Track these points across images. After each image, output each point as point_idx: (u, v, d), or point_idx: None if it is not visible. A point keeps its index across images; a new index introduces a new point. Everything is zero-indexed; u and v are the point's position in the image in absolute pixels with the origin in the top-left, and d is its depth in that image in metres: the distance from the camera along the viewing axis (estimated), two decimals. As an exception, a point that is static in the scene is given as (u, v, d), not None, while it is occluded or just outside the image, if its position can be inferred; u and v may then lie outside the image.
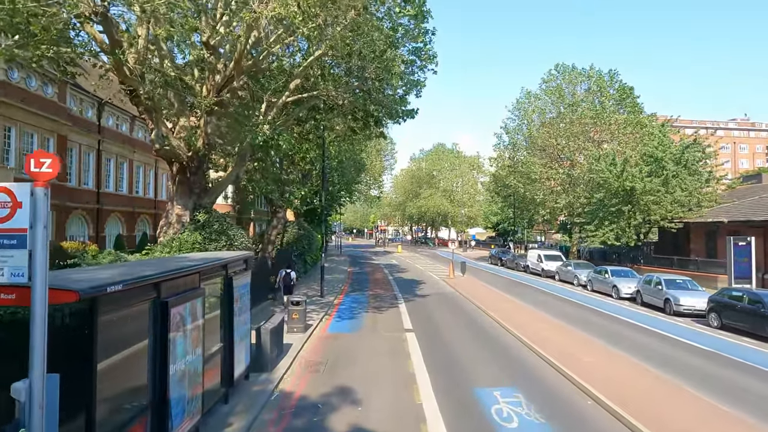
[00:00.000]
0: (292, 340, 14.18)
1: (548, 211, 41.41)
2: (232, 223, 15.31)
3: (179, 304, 6.77)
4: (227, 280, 9.09)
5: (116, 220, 33.00)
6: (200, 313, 7.50)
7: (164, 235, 14.21)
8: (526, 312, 19.88)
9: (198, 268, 7.56)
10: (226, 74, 13.12)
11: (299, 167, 26.21)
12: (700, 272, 27.49)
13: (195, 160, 14.11)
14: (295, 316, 15.06)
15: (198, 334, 7.37)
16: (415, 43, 18.06)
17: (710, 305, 17.58)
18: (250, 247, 15.48)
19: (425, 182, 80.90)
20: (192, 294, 7.19)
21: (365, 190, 61.18)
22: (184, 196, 14.53)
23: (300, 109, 17.69)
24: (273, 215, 26.27)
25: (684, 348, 14.56)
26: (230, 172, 16.10)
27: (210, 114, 13.74)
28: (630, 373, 11.50)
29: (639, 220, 30.76)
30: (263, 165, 17.22)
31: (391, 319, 18.45)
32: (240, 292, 9.75)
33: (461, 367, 12.18)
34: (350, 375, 11.44)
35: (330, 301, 22.10)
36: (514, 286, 29.39)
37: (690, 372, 11.96)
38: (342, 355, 13.14)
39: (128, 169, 34.68)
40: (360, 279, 32.59)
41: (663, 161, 30.82)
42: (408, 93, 18.35)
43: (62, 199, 26.63)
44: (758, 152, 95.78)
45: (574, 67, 39.93)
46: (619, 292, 23.87)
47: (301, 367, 11.97)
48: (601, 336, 15.65)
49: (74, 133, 28.27)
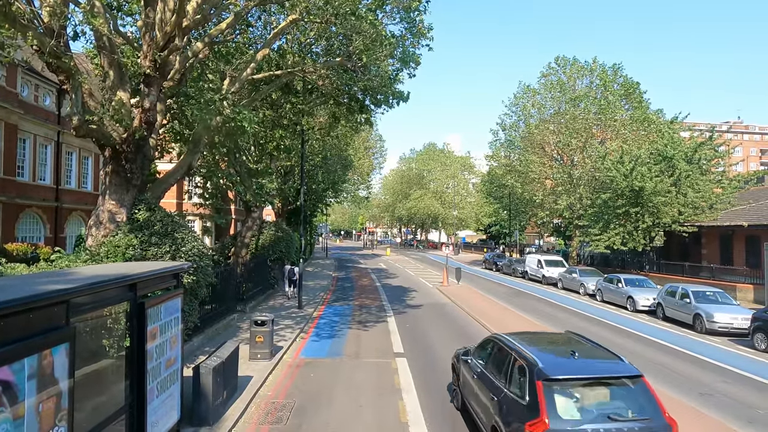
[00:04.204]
0: (253, 371, 11.27)
1: (547, 212, 38.89)
2: (183, 223, 12.36)
3: (9, 361, 3.88)
4: (136, 307, 6.18)
5: (79, 219, 29.70)
6: (63, 371, 4.59)
7: (92, 237, 11.21)
8: (537, 330, 17.16)
9: (64, 294, 4.67)
10: (166, 31, 10.19)
11: (277, 160, 23.29)
12: (715, 280, 25.04)
13: (131, 143, 11.15)
14: (259, 340, 12.14)
15: (54, 406, 4.46)
16: (406, 13, 15.28)
17: (755, 323, 14.98)
18: (205, 253, 12.52)
19: (415, 183, 78.37)
20: (40, 342, 4.29)
21: (353, 190, 58.36)
22: (120, 189, 11.53)
23: (271, 87, 14.82)
24: (247, 215, 23.32)
25: (735, 379, 11.90)
26: (182, 160, 13.12)
27: (149, 85, 10.79)
28: (690, 421, 8.79)
29: (648, 223, 28.30)
30: (224, 151, 14.25)
31: (379, 337, 15.60)
32: (163, 321, 6.85)
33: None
34: (323, 425, 8.58)
35: (308, 313, 19.19)
36: (515, 295, 26.70)
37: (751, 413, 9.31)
38: (314, 393, 10.26)
39: (94, 164, 31.37)
40: (345, 286, 29.70)
41: (674, 160, 28.44)
42: (400, 70, 15.53)
43: (10, 196, 23.50)
44: (752, 155, 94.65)
45: (576, 60, 37.46)
46: (635, 305, 21.25)
47: (258, 414, 9.07)
48: (641, 368, 12.94)
49: (27, 121, 25.05)
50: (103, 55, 11.01)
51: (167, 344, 6.96)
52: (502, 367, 7.29)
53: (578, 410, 6.00)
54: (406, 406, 9.53)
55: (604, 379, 6.35)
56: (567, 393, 6.12)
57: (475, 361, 8.42)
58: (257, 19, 15.63)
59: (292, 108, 17.56)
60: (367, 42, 13.80)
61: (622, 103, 36.22)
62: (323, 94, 16.56)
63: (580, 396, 6.13)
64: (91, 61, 13.89)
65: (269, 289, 24.21)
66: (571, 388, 6.18)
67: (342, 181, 42.24)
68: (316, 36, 15.97)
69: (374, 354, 13.53)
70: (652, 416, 5.94)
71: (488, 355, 8.05)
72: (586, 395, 6.15)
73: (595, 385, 6.26)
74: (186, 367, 8.88)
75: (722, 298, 18.10)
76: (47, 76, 25.33)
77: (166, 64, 10.85)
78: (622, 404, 6.09)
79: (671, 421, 6.00)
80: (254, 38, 16.15)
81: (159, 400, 6.71)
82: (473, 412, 8.23)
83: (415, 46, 16.08)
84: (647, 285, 22.83)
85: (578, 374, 6.32)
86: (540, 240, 68.37)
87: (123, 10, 12.48)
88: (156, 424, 6.55)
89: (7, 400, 3.88)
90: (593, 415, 5.91)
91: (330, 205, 53.35)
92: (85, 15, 9.86)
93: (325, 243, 66.50)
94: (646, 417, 5.91)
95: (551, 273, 31.42)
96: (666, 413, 6.10)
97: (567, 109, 36.35)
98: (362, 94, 16.48)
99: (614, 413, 5.87)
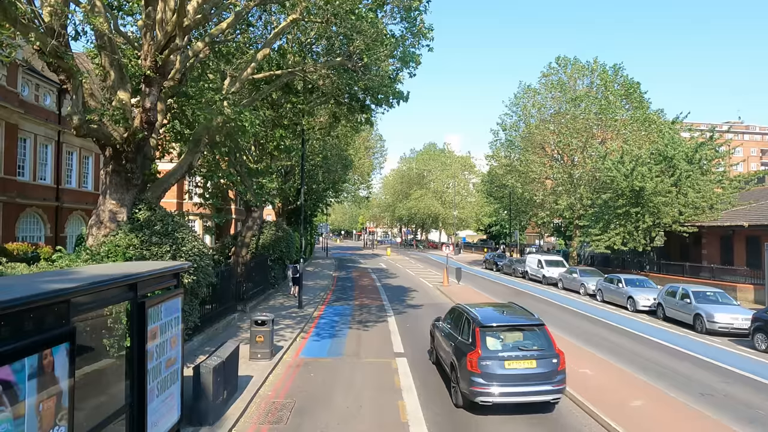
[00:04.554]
0: (253, 371, 11.27)
1: (548, 212, 38.85)
2: (183, 222, 12.34)
3: (9, 361, 3.89)
4: (136, 307, 6.18)
5: (80, 219, 29.68)
6: (64, 370, 4.60)
7: (92, 237, 11.21)
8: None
9: (65, 294, 4.67)
10: (167, 30, 10.18)
11: (278, 160, 23.26)
12: (715, 280, 25.02)
13: (132, 143, 11.14)
14: (259, 340, 12.14)
15: (54, 405, 4.47)
16: (407, 13, 15.27)
17: (755, 324, 14.96)
18: (205, 252, 12.51)
19: (415, 183, 78.28)
20: (40, 341, 4.29)
21: (353, 190, 58.33)
22: (120, 189, 11.53)
23: (271, 87, 14.80)
24: (248, 215, 23.30)
25: (736, 379, 11.89)
26: (182, 160, 13.10)
27: (149, 84, 10.79)
28: (690, 421, 8.78)
29: (648, 223, 28.26)
30: (224, 151, 14.22)
31: (379, 337, 15.61)
32: (163, 320, 6.85)
33: (470, 411, 9.36)
34: (323, 425, 8.59)
35: (309, 313, 19.20)
36: (515, 295, 26.65)
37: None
38: (315, 393, 10.26)
39: (94, 164, 31.35)
40: (345, 286, 29.70)
41: (675, 160, 28.40)
42: (401, 70, 15.51)
43: (10, 195, 23.49)
44: (753, 155, 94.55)
45: (577, 60, 37.42)
46: (635, 305, 21.23)
47: (258, 414, 9.07)
48: (642, 369, 12.95)
49: (27, 121, 25.04)
50: (103, 55, 10.99)
51: (167, 344, 6.96)
52: (459, 324, 10.53)
53: (500, 344, 9.36)
54: (407, 406, 9.53)
55: (518, 326, 9.77)
56: (494, 335, 9.49)
57: (443, 324, 11.78)
58: (258, 18, 15.64)
59: (292, 108, 17.56)
60: (367, 42, 13.79)
61: (623, 103, 36.18)
62: (324, 93, 16.55)
63: (503, 337, 9.49)
64: (92, 61, 13.87)
65: (269, 289, 24.21)
66: (496, 331, 9.54)
67: (342, 180, 42.21)
68: (316, 36, 15.97)
69: (375, 354, 13.53)
70: (547, 349, 9.31)
71: (451, 319, 11.27)
72: (506, 336, 9.51)
73: (513, 330, 9.65)
74: (186, 367, 8.89)
75: (722, 299, 18.08)
76: (48, 76, 25.33)
77: (167, 64, 10.84)
78: (529, 341, 9.41)
79: (560, 352, 9.39)
80: (255, 38, 16.15)
81: (159, 399, 6.72)
82: (441, 360, 11.50)
83: (415, 46, 16.08)
84: (647, 285, 22.81)
85: (501, 323, 9.75)
86: (540, 240, 68.34)
87: (123, 9, 12.47)
88: (156, 424, 6.56)
89: (7, 399, 3.89)
90: (509, 347, 9.29)
91: (330, 205, 53.34)
92: (86, 14, 9.86)
93: (326, 243, 66.51)
94: (543, 349, 9.27)
95: (551, 273, 31.38)
96: (557, 347, 9.45)
97: (567, 109, 36.31)
98: (363, 93, 16.49)
99: (522, 346, 9.30)
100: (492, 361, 9.02)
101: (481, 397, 8.93)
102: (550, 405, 9.53)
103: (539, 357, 9.12)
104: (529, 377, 9.00)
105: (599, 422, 8.86)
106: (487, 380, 8.90)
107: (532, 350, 9.22)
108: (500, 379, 8.92)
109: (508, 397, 8.94)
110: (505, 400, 8.97)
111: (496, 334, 9.46)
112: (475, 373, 9.00)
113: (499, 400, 8.94)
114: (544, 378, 9.01)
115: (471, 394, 9.07)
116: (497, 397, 8.90)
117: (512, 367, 9.05)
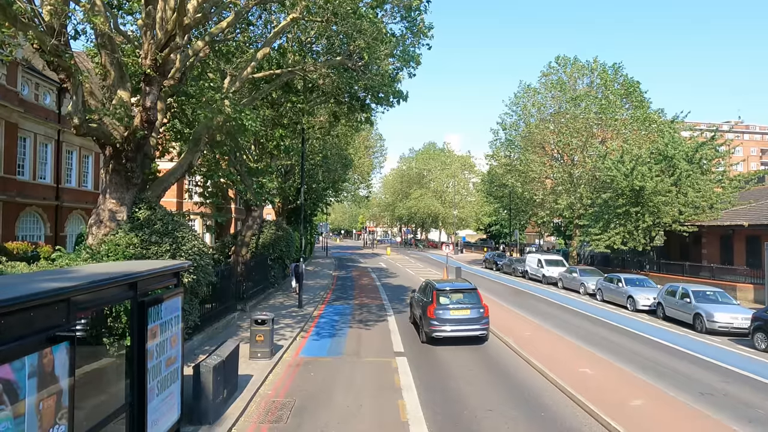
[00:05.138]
0: (253, 370, 11.27)
1: (548, 212, 38.84)
2: (183, 222, 12.34)
3: (9, 360, 3.89)
4: (136, 306, 6.17)
5: (79, 218, 29.67)
6: (64, 369, 4.60)
7: (92, 236, 11.21)
8: (537, 329, 17.17)
9: (65, 293, 4.67)
10: (167, 29, 10.17)
11: (278, 159, 23.26)
12: (715, 280, 25.01)
13: (132, 142, 11.14)
14: (259, 339, 12.14)
15: (54, 404, 4.46)
16: (407, 13, 15.26)
17: (755, 323, 14.96)
18: (205, 251, 12.50)
19: (415, 182, 78.21)
20: (40, 340, 4.29)
21: (353, 189, 58.31)
22: (120, 188, 11.52)
23: (271, 86, 14.79)
24: (247, 214, 23.29)
25: (735, 379, 11.89)
26: (182, 159, 13.10)
27: (149, 83, 10.78)
28: (690, 421, 8.78)
29: (648, 223, 28.26)
30: (225, 150, 14.21)
31: (379, 336, 15.60)
32: (163, 319, 6.84)
33: (470, 411, 9.36)
34: (323, 425, 8.59)
35: (309, 312, 19.20)
36: (515, 294, 26.70)
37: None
38: (315, 392, 10.26)
39: (94, 163, 31.31)
40: (345, 285, 29.70)
41: (675, 159, 28.39)
42: (400, 69, 15.50)
43: (10, 194, 23.47)
44: (753, 155, 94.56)
45: (577, 60, 37.40)
46: (635, 304, 21.23)
47: (258, 413, 9.08)
48: (642, 368, 12.95)
49: (27, 120, 25.02)
50: (103, 54, 10.98)
51: (167, 343, 6.96)
52: (425, 291, 15.69)
53: (447, 300, 14.41)
54: (407, 406, 9.52)
55: (460, 289, 15.04)
56: (444, 294, 14.60)
57: (417, 294, 16.96)
58: (258, 17, 15.63)
59: (292, 107, 17.54)
60: (367, 41, 13.78)
61: (623, 102, 36.17)
62: (324, 92, 16.55)
63: (450, 296, 14.61)
64: (92, 60, 13.87)
65: (269, 288, 24.20)
66: (446, 292, 14.72)
67: (342, 180, 42.20)
68: (316, 35, 15.97)
69: (375, 353, 13.54)
70: (477, 303, 14.48)
71: (421, 289, 16.60)
72: (452, 296, 14.66)
73: (456, 292, 14.86)
74: (186, 366, 8.88)
75: (722, 298, 18.08)
76: (47, 75, 25.32)
77: (167, 63, 10.83)
78: (466, 299, 14.58)
79: (485, 305, 14.60)
80: (255, 37, 16.15)
81: (159, 398, 6.72)
82: (415, 317, 16.56)
83: (415, 45, 16.08)
84: (647, 284, 22.80)
85: (449, 287, 15.04)
86: (540, 239, 68.35)
87: (123, 8, 12.46)
88: (156, 423, 6.56)
89: (7, 398, 3.89)
90: (453, 302, 14.41)
91: (330, 205, 53.36)
92: (86, 13, 9.84)
93: (326, 242, 66.51)
94: (474, 303, 14.44)
95: (551, 272, 31.38)
96: (483, 303, 14.66)
97: (567, 108, 36.28)
98: (363, 93, 16.48)
99: (461, 301, 14.45)
100: (442, 311, 14.16)
101: (436, 333, 14.02)
102: (481, 339, 14.79)
103: (472, 308, 14.39)
104: (465, 321, 14.23)
105: (599, 421, 8.86)
106: (439, 323, 14.05)
107: (468, 304, 14.45)
108: (448, 322, 14.08)
109: (453, 333, 14.03)
110: (451, 335, 14.03)
111: (446, 294, 14.69)
112: (432, 319, 14.11)
113: (447, 335, 14.01)
114: (475, 321, 14.30)
115: (430, 332, 14.13)
116: (447, 333, 13.99)
117: (455, 314, 14.21)
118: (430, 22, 15.37)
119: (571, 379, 11.04)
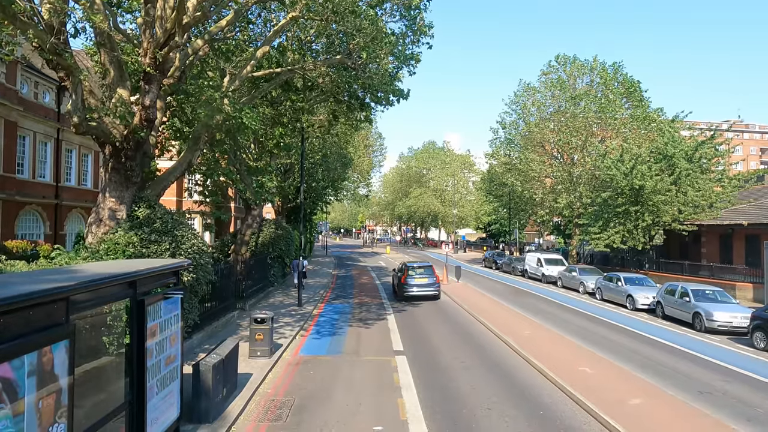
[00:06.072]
0: (252, 368, 11.28)
1: (547, 211, 38.85)
2: (182, 220, 12.34)
3: (9, 358, 3.89)
4: (136, 305, 6.17)
5: (79, 217, 29.65)
6: (63, 368, 4.60)
7: (92, 234, 11.20)
8: (537, 328, 17.19)
9: (64, 291, 4.67)
10: (166, 28, 10.16)
11: (277, 158, 23.25)
12: (714, 279, 25.04)
13: (131, 140, 11.13)
14: (259, 337, 12.15)
15: (53, 402, 4.47)
16: (407, 11, 15.25)
17: (754, 322, 14.98)
18: (205, 250, 12.50)
19: (415, 181, 78.23)
20: (40, 339, 4.29)
21: (353, 188, 58.31)
22: (120, 187, 11.51)
23: (271, 85, 14.79)
24: (247, 213, 23.30)
25: (735, 378, 11.90)
26: (182, 158, 13.09)
27: (149, 82, 10.77)
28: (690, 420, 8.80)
29: (648, 222, 28.27)
30: (224, 149, 14.20)
31: (378, 335, 15.62)
32: (163, 318, 6.85)
33: (469, 410, 9.37)
34: (323, 423, 8.60)
35: (308, 311, 19.21)
36: (514, 293, 26.72)
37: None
38: (314, 391, 10.27)
39: (93, 161, 31.27)
40: (345, 284, 29.73)
41: (674, 158, 28.39)
42: (400, 68, 15.49)
43: (9, 193, 23.45)
44: (752, 154, 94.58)
45: (576, 59, 37.37)
46: (635, 303, 21.25)
47: (258, 412, 9.08)
48: (641, 367, 12.96)
49: (27, 119, 24.98)
50: (103, 52, 10.97)
51: (167, 341, 6.96)
52: (401, 269, 24.15)
53: (415, 273, 23.23)
54: (406, 404, 9.53)
55: (422, 266, 23.74)
56: (413, 269, 23.37)
57: (397, 272, 24.75)
58: (257, 16, 15.62)
59: (292, 105, 17.54)
60: (367, 39, 13.76)
61: (623, 101, 36.16)
62: (323, 91, 16.55)
63: (416, 271, 23.31)
64: (91, 59, 13.86)
65: (269, 287, 24.21)
66: (414, 267, 23.53)
67: (342, 179, 42.20)
68: (316, 33, 15.95)
69: (374, 352, 13.55)
70: (432, 275, 23.33)
71: (399, 268, 24.80)
72: (417, 269, 23.38)
73: (419, 268, 23.49)
74: (186, 365, 8.89)
75: (722, 297, 18.10)
76: (47, 73, 25.26)
77: (166, 62, 10.83)
78: (426, 272, 23.33)
79: (437, 276, 23.92)
80: (254, 36, 16.14)
81: (159, 397, 6.72)
82: (395, 287, 24.64)
83: (415, 44, 16.08)
84: (647, 283, 22.82)
85: (416, 265, 24.02)
86: (540, 238, 68.34)
87: (123, 7, 12.44)
88: (156, 421, 6.56)
89: (7, 396, 3.89)
90: (418, 273, 23.22)
91: (330, 203, 53.34)
92: (85, 12, 9.83)
93: (325, 241, 66.52)
94: (431, 274, 23.27)
95: (551, 271, 31.40)
96: (436, 274, 23.93)
97: (567, 107, 36.28)
98: (362, 91, 16.48)
99: (423, 273, 23.25)
100: (411, 279, 22.60)
101: (406, 292, 22.53)
102: (436, 297, 22.97)
103: (428, 276, 22.91)
104: (425, 285, 22.64)
105: (598, 420, 8.87)
106: (408, 286, 22.52)
107: (426, 275, 22.92)
108: (414, 285, 22.53)
109: (418, 292, 22.55)
110: (416, 294, 22.57)
111: (413, 269, 23.16)
112: (404, 284, 22.64)
113: (414, 294, 22.54)
114: (431, 285, 22.77)
115: (402, 292, 22.72)
116: (414, 293, 22.52)
117: (418, 281, 22.62)
118: (430, 21, 15.39)
119: (571, 378, 11.06)
